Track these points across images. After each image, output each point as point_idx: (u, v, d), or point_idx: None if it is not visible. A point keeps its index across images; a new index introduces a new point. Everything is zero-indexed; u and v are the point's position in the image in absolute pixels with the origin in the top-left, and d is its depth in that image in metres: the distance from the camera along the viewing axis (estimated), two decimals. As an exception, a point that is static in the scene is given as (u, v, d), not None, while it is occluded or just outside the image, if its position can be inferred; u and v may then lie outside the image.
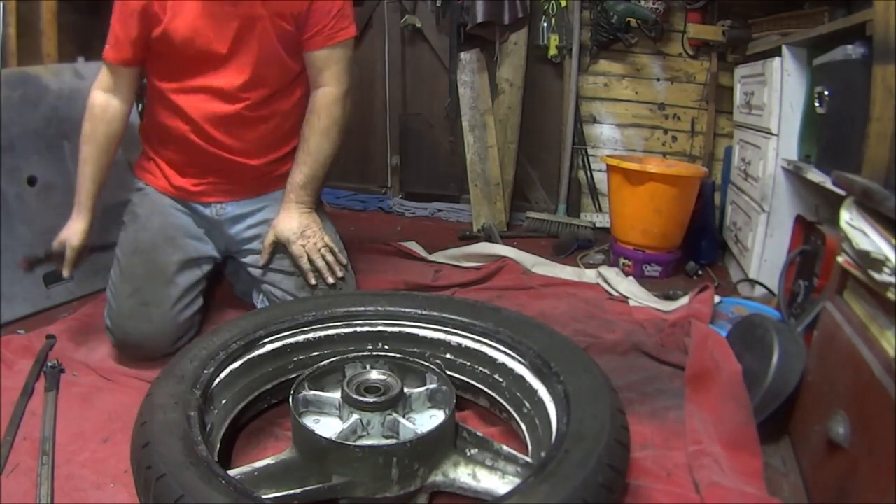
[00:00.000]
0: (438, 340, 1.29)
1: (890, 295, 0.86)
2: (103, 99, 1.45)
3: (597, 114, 2.88)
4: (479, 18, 2.62)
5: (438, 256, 2.24)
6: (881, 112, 1.20)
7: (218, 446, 1.05)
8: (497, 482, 0.97)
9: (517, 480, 0.94)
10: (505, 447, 1.02)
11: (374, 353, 1.21)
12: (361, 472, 0.93)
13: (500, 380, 1.21)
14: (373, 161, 3.21)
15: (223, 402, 1.12)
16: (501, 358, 1.22)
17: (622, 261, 2.30)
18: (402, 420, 1.02)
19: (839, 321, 1.06)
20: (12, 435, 1.12)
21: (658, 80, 2.79)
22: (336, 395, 1.09)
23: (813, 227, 1.52)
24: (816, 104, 1.62)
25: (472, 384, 1.26)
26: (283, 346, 1.24)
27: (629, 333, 1.64)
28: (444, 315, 1.28)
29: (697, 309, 1.69)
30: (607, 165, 2.36)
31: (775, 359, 1.18)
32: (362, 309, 1.31)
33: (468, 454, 1.02)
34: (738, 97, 2.33)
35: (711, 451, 1.10)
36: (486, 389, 1.24)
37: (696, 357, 1.37)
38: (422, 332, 1.30)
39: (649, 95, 2.81)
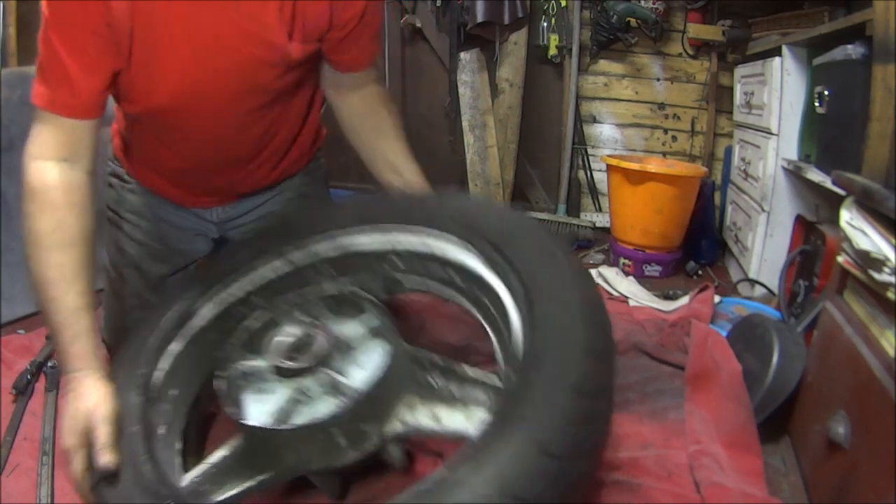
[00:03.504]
0: (381, 251, 1.10)
1: (890, 295, 0.86)
2: (59, 174, 0.95)
3: (597, 114, 2.87)
4: (479, 18, 2.61)
5: (438, 256, 2.23)
6: (881, 112, 1.20)
7: (179, 444, 0.97)
8: (462, 421, 0.85)
9: (485, 415, 0.82)
10: (470, 370, 0.89)
11: (299, 301, 1.04)
12: (308, 449, 0.86)
13: (456, 278, 1.02)
14: (373, 161, 3.20)
15: (172, 392, 1.00)
16: (452, 252, 1.02)
17: (622, 261, 2.30)
18: (337, 377, 0.89)
19: (839, 321, 1.06)
20: (12, 435, 1.12)
21: (658, 79, 2.79)
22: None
23: (813, 226, 1.52)
24: (816, 104, 1.62)
25: (434, 288, 1.08)
26: (223, 310, 1.08)
27: (629, 333, 1.64)
28: (381, 220, 1.10)
29: (697, 309, 1.69)
30: (607, 165, 2.36)
31: (775, 359, 1.18)
32: (291, 246, 1.14)
33: (428, 387, 0.90)
34: (738, 97, 2.33)
35: (712, 450, 1.10)
36: (448, 292, 1.07)
37: (696, 357, 1.37)
38: (361, 245, 1.11)
39: (649, 95, 2.81)
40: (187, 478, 0.90)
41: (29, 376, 1.27)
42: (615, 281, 2.02)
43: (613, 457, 1.10)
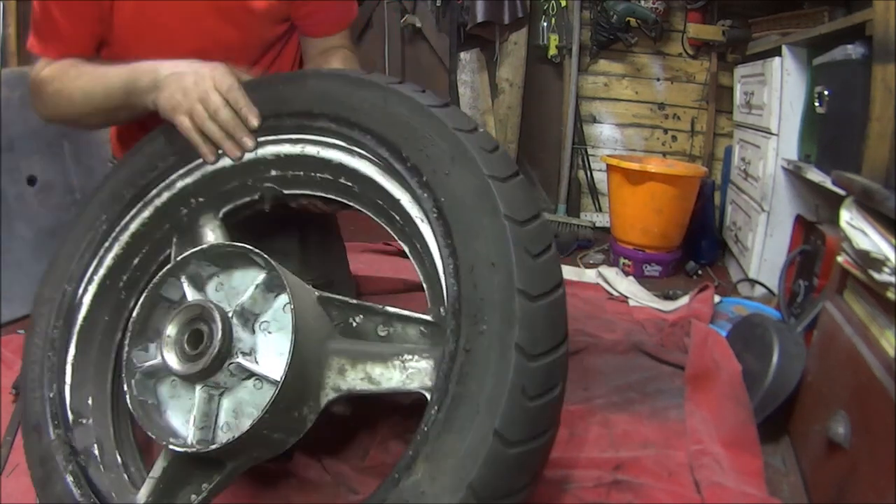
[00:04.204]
0: (253, 162, 0.92)
1: (890, 295, 0.86)
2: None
3: (597, 114, 2.88)
4: (479, 18, 2.62)
5: (438, 256, 2.22)
6: (881, 112, 1.20)
7: (119, 456, 0.92)
8: (398, 377, 0.75)
9: (423, 364, 0.73)
10: (391, 308, 0.79)
11: (180, 266, 0.84)
12: (245, 453, 0.79)
13: (351, 184, 0.86)
14: (373, 161, 3.20)
15: (88, 402, 0.94)
16: (334, 155, 0.86)
17: (622, 260, 2.30)
18: (245, 363, 0.77)
19: (839, 321, 1.06)
20: (12, 435, 1.12)
21: (658, 79, 2.79)
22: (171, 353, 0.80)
23: (813, 226, 1.52)
24: (816, 104, 1.62)
25: (333, 199, 0.90)
26: (102, 286, 0.96)
27: (629, 333, 1.64)
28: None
29: (697, 309, 1.69)
30: (607, 165, 2.36)
31: (775, 359, 1.18)
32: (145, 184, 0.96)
33: (349, 330, 0.80)
34: (738, 97, 2.33)
35: (712, 450, 1.10)
36: (349, 202, 0.89)
37: (696, 357, 1.37)
38: (223, 162, 0.93)
39: (649, 95, 2.81)
40: (140, 499, 0.82)
41: (29, 376, 1.27)
42: (615, 281, 2.02)
43: (613, 456, 1.10)
